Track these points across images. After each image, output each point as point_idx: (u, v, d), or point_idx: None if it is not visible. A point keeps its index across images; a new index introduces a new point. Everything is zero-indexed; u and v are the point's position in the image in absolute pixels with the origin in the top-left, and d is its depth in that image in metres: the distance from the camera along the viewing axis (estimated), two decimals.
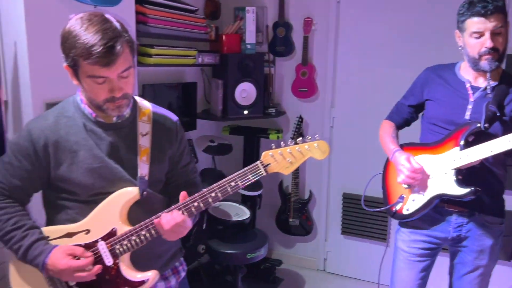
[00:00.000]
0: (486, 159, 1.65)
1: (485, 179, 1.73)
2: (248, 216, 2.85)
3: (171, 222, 1.25)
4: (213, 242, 2.70)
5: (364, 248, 3.34)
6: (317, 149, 1.27)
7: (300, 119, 3.26)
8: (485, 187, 1.67)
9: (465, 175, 1.69)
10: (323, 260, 3.54)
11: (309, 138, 1.28)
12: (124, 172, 1.33)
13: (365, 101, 3.19)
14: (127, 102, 1.31)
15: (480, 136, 1.65)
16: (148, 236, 1.29)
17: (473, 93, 1.74)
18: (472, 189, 1.63)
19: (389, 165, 1.96)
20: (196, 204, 1.28)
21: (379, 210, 1.95)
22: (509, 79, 1.74)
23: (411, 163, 1.75)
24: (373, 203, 2.52)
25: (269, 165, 1.28)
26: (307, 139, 1.28)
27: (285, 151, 1.27)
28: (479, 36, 1.64)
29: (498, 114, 1.66)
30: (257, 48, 3.27)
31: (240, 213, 2.89)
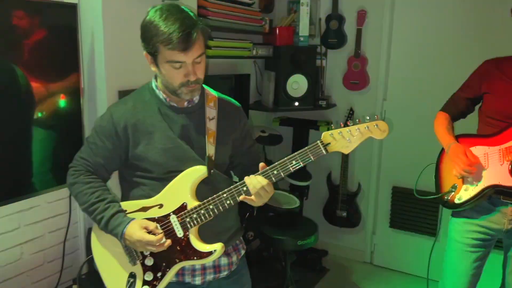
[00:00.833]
0: None
1: None
2: (298, 204, 2.93)
3: (257, 186, 1.35)
4: (265, 228, 2.79)
5: (412, 241, 3.33)
6: (377, 129, 1.32)
7: (351, 112, 3.29)
8: None
9: None
10: (370, 253, 3.56)
11: (368, 118, 1.34)
12: (194, 152, 1.44)
13: (417, 95, 3.16)
14: (199, 87, 1.42)
15: None
16: (215, 210, 1.40)
17: None
18: None
19: (443, 155, 1.97)
20: (275, 172, 1.37)
21: (431, 198, 1.96)
22: None
23: (467, 156, 1.77)
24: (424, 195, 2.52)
25: (329, 144, 1.34)
26: (366, 119, 1.33)
27: (345, 131, 1.33)
28: None
29: None
30: (310, 40, 3.32)
31: (290, 201, 2.97)
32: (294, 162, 1.36)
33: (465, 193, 1.81)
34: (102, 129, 1.44)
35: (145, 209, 1.44)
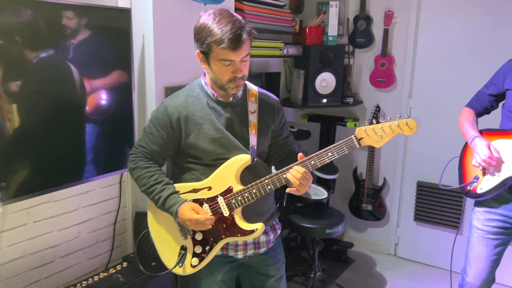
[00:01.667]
0: None
1: None
2: (326, 196, 3.09)
3: (297, 176, 1.52)
4: (295, 217, 2.96)
5: (436, 234, 3.44)
6: (406, 126, 1.47)
7: (377, 108, 3.42)
8: None
9: None
10: (394, 245, 3.68)
11: (399, 116, 1.49)
12: (238, 142, 1.63)
13: (442, 93, 3.27)
14: (243, 83, 1.60)
15: None
16: (257, 194, 1.58)
17: None
18: None
19: (467, 148, 2.10)
20: (312, 162, 1.54)
21: (454, 188, 2.09)
22: None
23: (490, 149, 1.89)
24: (449, 191, 2.64)
25: (362, 139, 1.51)
26: (396, 117, 1.49)
27: (377, 127, 1.49)
28: None
29: None
30: (338, 40, 3.46)
31: (318, 193, 3.13)
32: (330, 154, 1.52)
33: (486, 183, 1.94)
34: (158, 120, 1.64)
35: (195, 190, 1.63)
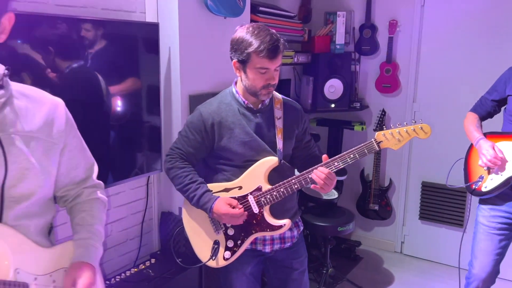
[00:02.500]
0: None
1: None
2: (337, 196, 3.25)
3: (321, 176, 1.67)
4: (308, 216, 3.12)
5: (440, 232, 3.60)
6: (421, 130, 1.64)
7: (383, 113, 3.58)
8: None
9: None
10: (400, 243, 3.84)
11: (414, 121, 1.65)
12: (266, 145, 1.78)
13: (445, 97, 3.44)
14: (273, 90, 1.76)
15: None
16: (285, 192, 1.73)
17: None
18: None
19: (471, 150, 2.26)
20: (336, 163, 1.69)
21: (460, 186, 2.25)
22: None
23: (494, 150, 2.06)
24: (453, 190, 2.80)
25: (381, 142, 1.67)
26: (412, 122, 1.65)
27: (395, 131, 1.65)
28: None
29: None
30: (345, 48, 3.64)
31: (329, 193, 3.29)
32: (352, 155, 1.68)
33: (491, 182, 2.10)
34: (193, 125, 1.80)
35: (227, 190, 1.79)
